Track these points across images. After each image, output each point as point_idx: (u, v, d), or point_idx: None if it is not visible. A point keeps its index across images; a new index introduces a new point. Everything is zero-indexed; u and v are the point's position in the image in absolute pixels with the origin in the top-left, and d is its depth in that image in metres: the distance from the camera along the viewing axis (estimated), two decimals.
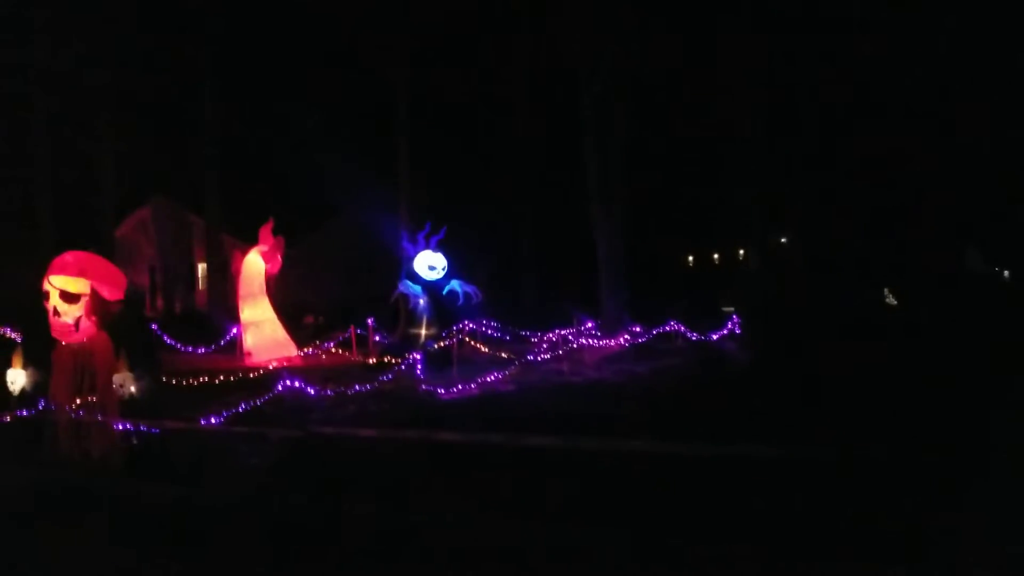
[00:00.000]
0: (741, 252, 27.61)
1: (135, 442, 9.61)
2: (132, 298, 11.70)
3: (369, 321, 19.51)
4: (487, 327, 17.59)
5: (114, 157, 22.54)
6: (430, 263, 15.44)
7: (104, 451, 9.72)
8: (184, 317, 27.25)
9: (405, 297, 15.49)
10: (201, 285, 29.24)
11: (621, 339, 16.46)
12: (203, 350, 17.16)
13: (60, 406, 9.55)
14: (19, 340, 10.97)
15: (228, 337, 17.90)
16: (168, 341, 16.40)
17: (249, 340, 17.32)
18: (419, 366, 12.38)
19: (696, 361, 14.55)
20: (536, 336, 18.33)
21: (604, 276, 18.09)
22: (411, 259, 15.61)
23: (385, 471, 7.19)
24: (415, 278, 15.51)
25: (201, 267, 29.28)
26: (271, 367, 13.86)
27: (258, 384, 12.15)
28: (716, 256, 36.35)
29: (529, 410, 10.86)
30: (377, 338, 19.22)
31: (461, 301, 15.66)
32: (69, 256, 9.96)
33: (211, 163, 23.45)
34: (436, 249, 15.60)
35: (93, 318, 9.76)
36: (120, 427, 9.57)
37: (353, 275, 26.02)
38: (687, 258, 38.04)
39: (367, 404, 11.52)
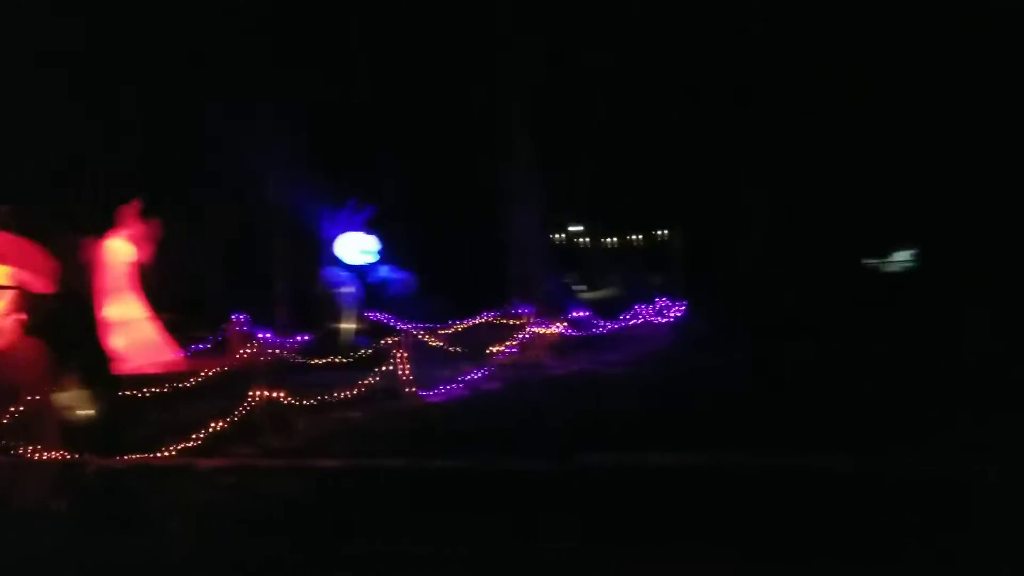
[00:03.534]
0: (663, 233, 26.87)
1: (90, 480, 7.18)
2: (75, 292, 9.05)
3: (240, 317, 16.95)
4: (383, 319, 15.72)
5: None
6: (361, 246, 13.41)
7: (34, 497, 7.22)
8: None
9: (330, 287, 13.33)
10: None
11: (559, 325, 15.03)
12: None
13: None
14: None
15: None
16: None
17: (119, 343, 14.38)
18: (403, 367, 10.41)
19: (672, 345, 13.51)
20: (445, 327, 16.55)
21: (536, 257, 16.66)
22: (333, 241, 13.47)
23: None
24: (341, 264, 13.42)
25: None
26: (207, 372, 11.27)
27: (210, 392, 9.84)
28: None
29: (554, 412, 9.21)
30: (268, 335, 16.75)
31: (395, 289, 13.74)
32: None
33: None
34: (365, 230, 13.57)
35: (17, 317, 7.23)
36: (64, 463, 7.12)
37: (209, 262, 22.73)
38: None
39: (353, 413, 9.55)
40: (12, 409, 7.03)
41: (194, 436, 8.13)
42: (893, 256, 25.75)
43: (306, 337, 15.05)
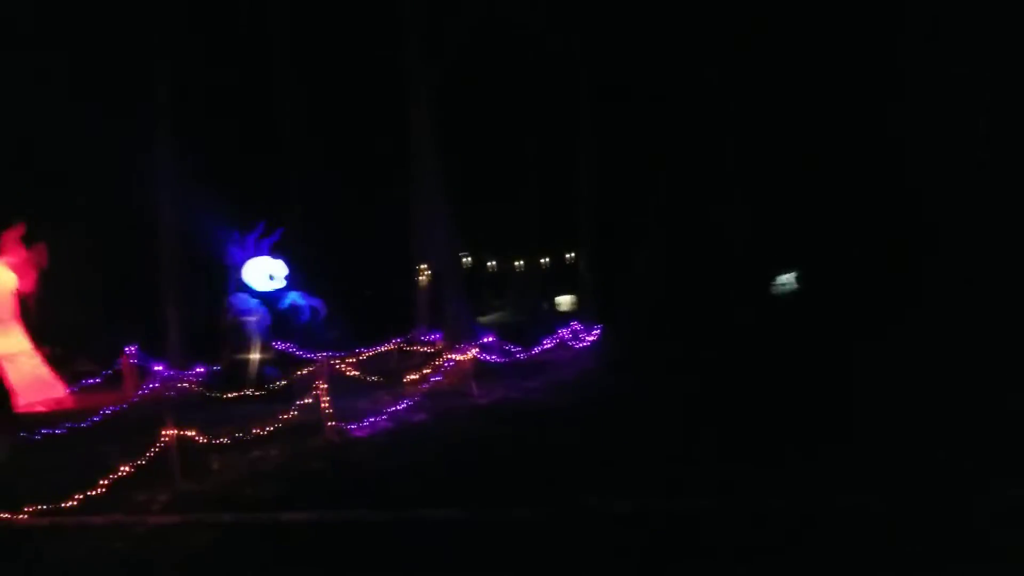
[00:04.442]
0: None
1: None
2: None
3: (130, 349, 15.96)
4: (289, 347, 15.03)
5: None
6: (269, 271, 12.69)
7: None
8: None
9: (238, 315, 12.57)
10: None
11: (473, 351, 14.60)
12: None
13: None
14: None
15: None
16: None
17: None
18: (323, 399, 9.79)
19: (586, 373, 13.37)
20: (354, 355, 15.90)
21: (446, 279, 16.17)
22: (239, 267, 12.74)
23: None
24: (248, 290, 12.69)
25: None
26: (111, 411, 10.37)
27: (111, 432, 9.09)
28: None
29: (485, 448, 8.86)
30: (159, 368, 15.78)
31: (306, 317, 13.10)
32: None
33: None
34: (273, 254, 12.89)
35: None
36: None
37: (89, 290, 21.12)
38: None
39: (272, 451, 8.93)
40: None
41: (100, 482, 7.45)
42: (778, 278, 26.36)
43: (201, 369, 14.22)
